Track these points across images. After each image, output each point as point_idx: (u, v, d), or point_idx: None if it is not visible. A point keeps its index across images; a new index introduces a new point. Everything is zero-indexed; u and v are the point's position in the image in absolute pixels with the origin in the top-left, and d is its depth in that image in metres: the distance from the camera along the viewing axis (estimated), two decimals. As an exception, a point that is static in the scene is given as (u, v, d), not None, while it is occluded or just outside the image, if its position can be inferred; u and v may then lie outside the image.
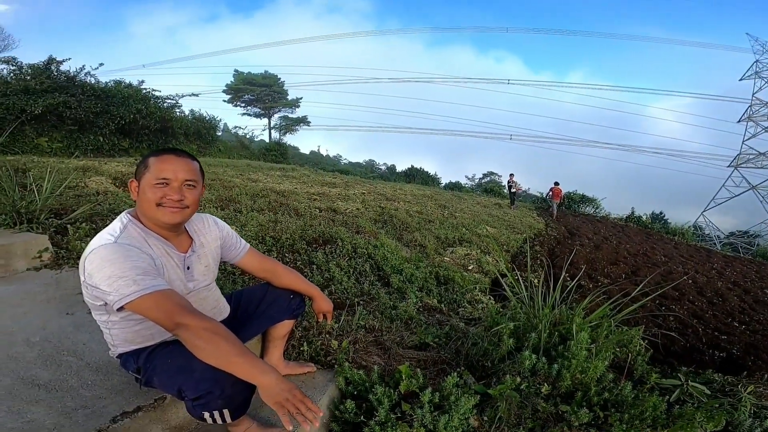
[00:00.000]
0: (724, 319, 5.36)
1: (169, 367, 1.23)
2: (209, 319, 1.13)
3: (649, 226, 18.65)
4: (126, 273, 1.10)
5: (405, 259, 4.27)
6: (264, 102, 36.65)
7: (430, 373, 2.19)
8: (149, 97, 14.03)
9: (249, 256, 1.62)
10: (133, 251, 1.17)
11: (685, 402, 2.05)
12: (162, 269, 1.27)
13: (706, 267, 10.18)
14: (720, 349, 3.96)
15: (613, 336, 2.27)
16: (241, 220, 4.24)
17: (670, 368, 2.88)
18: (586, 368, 1.96)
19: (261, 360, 1.12)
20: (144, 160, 1.29)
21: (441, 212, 8.72)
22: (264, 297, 1.67)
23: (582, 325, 2.19)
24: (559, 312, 2.31)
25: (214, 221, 1.55)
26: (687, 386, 2.11)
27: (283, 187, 7.88)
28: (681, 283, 6.94)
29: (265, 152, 23.24)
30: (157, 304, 1.10)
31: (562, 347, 2.07)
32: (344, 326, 2.44)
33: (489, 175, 45.77)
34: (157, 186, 1.24)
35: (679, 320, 4.87)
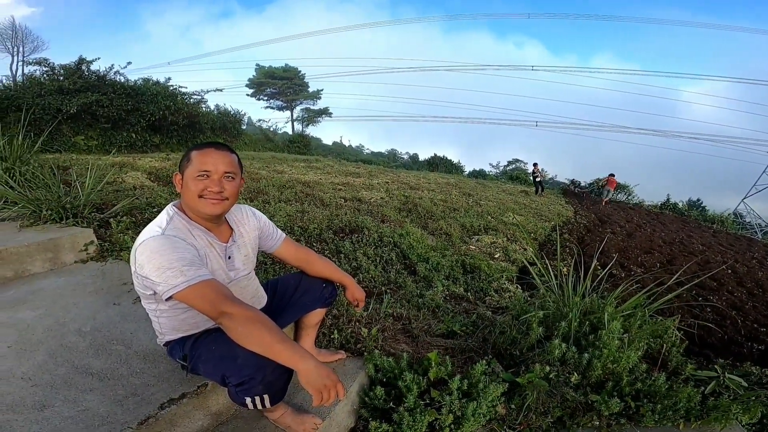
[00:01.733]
0: (765, 311, 5.10)
1: (213, 354, 1.27)
2: (251, 307, 1.17)
3: (685, 214, 17.88)
4: (173, 264, 1.16)
5: (431, 247, 4.27)
6: (286, 95, 37.00)
7: (458, 361, 2.20)
8: (176, 93, 14.33)
9: (285, 246, 1.65)
10: (180, 243, 1.22)
11: (721, 394, 1.99)
12: (205, 259, 1.32)
13: (747, 256, 9.68)
14: (759, 342, 3.78)
15: (647, 326, 2.22)
16: (269, 210, 4.33)
17: (706, 360, 2.79)
18: (618, 358, 1.93)
19: (301, 346, 1.16)
20: (187, 153, 1.34)
21: (466, 200, 8.63)
22: (298, 286, 1.70)
23: (614, 314, 2.15)
24: (590, 301, 2.27)
25: (252, 212, 1.59)
26: (723, 378, 2.05)
27: (308, 177, 7.97)
28: (719, 272, 6.63)
29: (289, 144, 23.51)
30: (202, 293, 1.14)
31: (593, 336, 2.05)
32: (373, 314, 2.46)
33: (514, 163, 44.78)
34: (198, 178, 1.29)
35: (717, 311, 4.68)
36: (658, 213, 16.48)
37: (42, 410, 1.32)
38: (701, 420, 1.76)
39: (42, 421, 1.27)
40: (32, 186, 3.38)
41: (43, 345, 1.70)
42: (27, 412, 1.31)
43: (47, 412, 1.31)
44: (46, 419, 1.28)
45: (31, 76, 12.39)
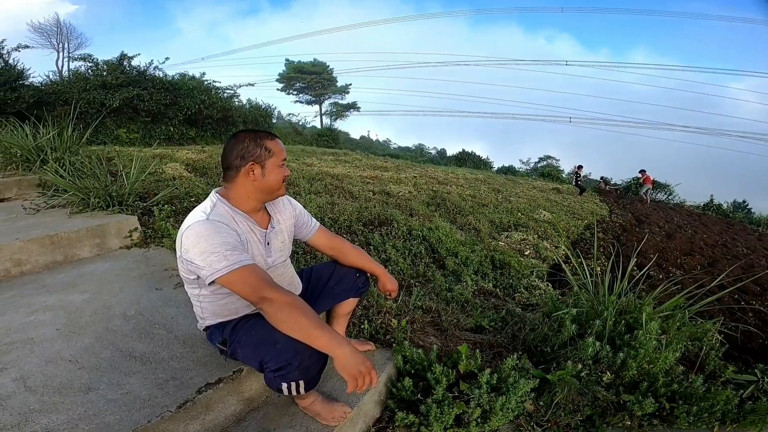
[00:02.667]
0: (812, 317, 4.80)
1: (252, 339, 1.31)
2: (290, 293, 1.20)
3: (729, 216, 16.89)
4: (217, 249, 1.19)
5: (459, 242, 4.24)
6: (315, 89, 37.41)
7: (486, 355, 2.19)
8: (211, 88, 14.67)
9: (319, 234, 1.69)
10: (223, 227, 1.26)
11: (759, 399, 1.91)
12: (246, 245, 1.36)
13: (796, 260, 9.09)
14: None
15: (686, 328, 2.14)
16: (300, 202, 4.40)
17: (745, 365, 2.67)
18: (654, 359, 1.88)
19: (338, 333, 1.19)
20: (258, 143, 1.37)
21: (495, 196, 8.49)
22: (332, 275, 1.73)
23: (652, 314, 2.08)
24: (626, 301, 2.21)
25: (288, 200, 1.64)
26: (763, 383, 1.96)
27: (337, 170, 8.05)
28: (764, 276, 6.26)
29: (318, 138, 23.75)
30: (243, 278, 1.18)
31: (629, 336, 2.00)
32: (402, 306, 2.47)
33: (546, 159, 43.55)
34: (281, 166, 1.40)
35: (760, 315, 4.45)
36: (701, 214, 15.68)
37: (87, 393, 1.37)
38: (737, 423, 1.69)
39: (87, 404, 1.31)
40: (81, 175, 3.56)
41: (91, 328, 1.76)
42: (73, 395, 1.35)
43: (92, 395, 1.36)
44: (90, 402, 1.33)
45: (76, 72, 13.01)
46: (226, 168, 1.40)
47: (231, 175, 1.39)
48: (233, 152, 1.37)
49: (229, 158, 1.38)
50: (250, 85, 17.44)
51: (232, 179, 1.39)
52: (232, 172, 1.38)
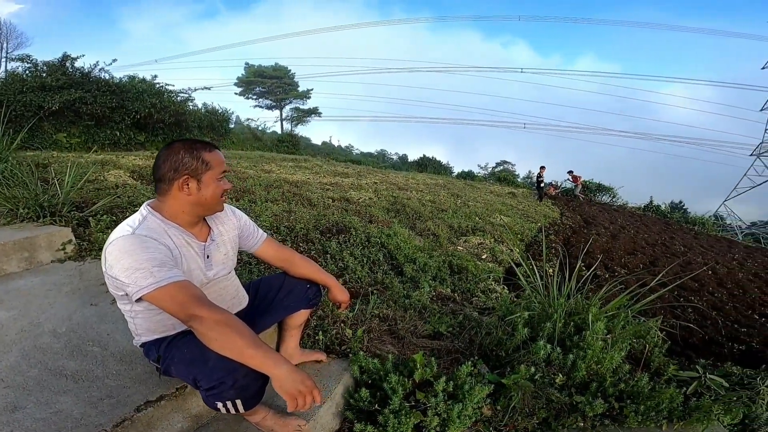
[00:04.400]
0: (745, 311, 5.22)
1: (184, 356, 1.26)
2: (223, 311, 1.15)
3: (668, 216, 18.22)
4: (143, 265, 1.14)
5: (418, 248, 4.26)
6: (275, 94, 36.83)
7: (444, 362, 2.20)
8: (163, 91, 14.10)
9: (266, 245, 1.64)
10: (151, 242, 1.20)
11: (703, 395, 2.02)
12: (181, 259, 1.30)
13: (727, 258, 9.92)
14: (739, 342, 3.85)
15: (630, 327, 2.25)
16: (255, 210, 4.28)
17: (688, 360, 2.84)
18: (601, 359, 1.94)
19: (274, 351, 1.15)
20: (194, 154, 1.29)
21: (454, 201, 8.66)
22: (281, 287, 1.69)
23: (598, 315, 2.16)
24: (574, 302, 2.29)
25: (231, 210, 1.57)
26: (705, 379, 2.08)
27: (296, 177, 7.91)
28: (700, 273, 6.77)
29: (278, 143, 23.31)
30: (171, 295, 1.13)
31: (578, 337, 2.06)
32: (358, 315, 2.44)
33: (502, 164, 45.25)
34: (219, 180, 1.34)
35: (698, 312, 4.76)
36: (642, 215, 16.78)
37: (13, 412, 1.30)
38: (684, 421, 1.78)
39: (13, 423, 1.25)
40: (9, 184, 3.28)
41: (17, 346, 1.66)
42: (-4, 414, 1.27)
43: (18, 414, 1.29)
44: (17, 421, 1.26)
45: (13, 73, 12.05)
46: (157, 180, 1.31)
47: (163, 188, 1.31)
48: (166, 164, 1.29)
49: (161, 170, 1.29)
50: (206, 89, 16.91)
51: (164, 192, 1.31)
52: (164, 184, 1.30)
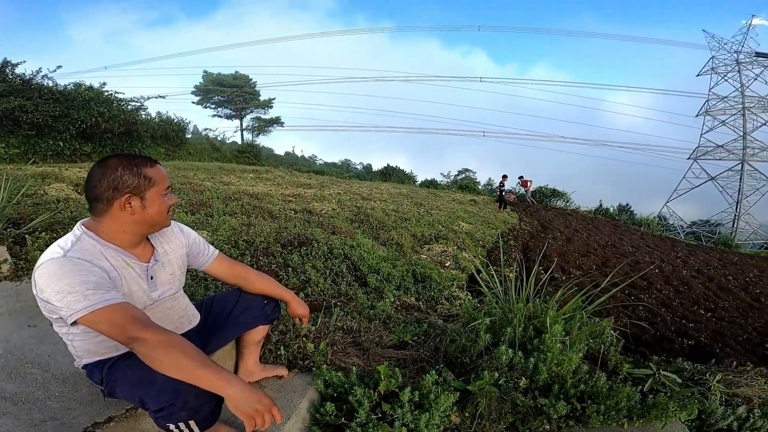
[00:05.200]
0: (691, 307, 5.54)
1: (129, 378, 1.21)
2: (167, 332, 1.11)
3: (616, 218, 19.30)
4: (75, 288, 1.09)
5: (382, 258, 4.26)
6: (235, 103, 35.96)
7: (410, 371, 2.19)
8: (112, 99, 13.48)
9: (218, 263, 1.60)
10: (84, 265, 1.14)
11: (658, 391, 2.11)
12: (120, 281, 1.24)
13: (671, 256, 10.61)
14: (688, 337, 4.06)
15: (586, 328, 2.33)
16: (212, 224, 4.14)
17: (642, 357, 2.98)
18: (561, 361, 1.99)
19: (226, 371, 1.11)
20: (134, 171, 1.24)
21: (417, 210, 8.76)
22: (236, 303, 1.65)
23: (556, 317, 2.23)
24: (533, 306, 2.35)
25: (179, 228, 1.52)
26: (659, 376, 2.18)
27: (257, 189, 7.74)
28: (648, 272, 7.18)
29: (238, 154, 22.73)
30: (108, 318, 1.08)
31: (538, 341, 2.11)
32: (321, 328, 2.41)
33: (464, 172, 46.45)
34: (165, 195, 1.31)
35: (649, 309, 5.01)
36: (593, 218, 17.68)
37: None
38: (643, 418, 1.85)
39: None
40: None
41: None
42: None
43: None
44: None
45: (-55, 81, 11.07)
46: (93, 200, 1.24)
47: (101, 208, 1.23)
48: (103, 182, 1.21)
49: (97, 189, 1.22)
50: (160, 97, 16.27)
51: (101, 213, 1.24)
52: (101, 204, 1.23)
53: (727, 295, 6.74)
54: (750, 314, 5.56)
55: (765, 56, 34.23)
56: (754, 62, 34.68)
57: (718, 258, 11.89)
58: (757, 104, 33.79)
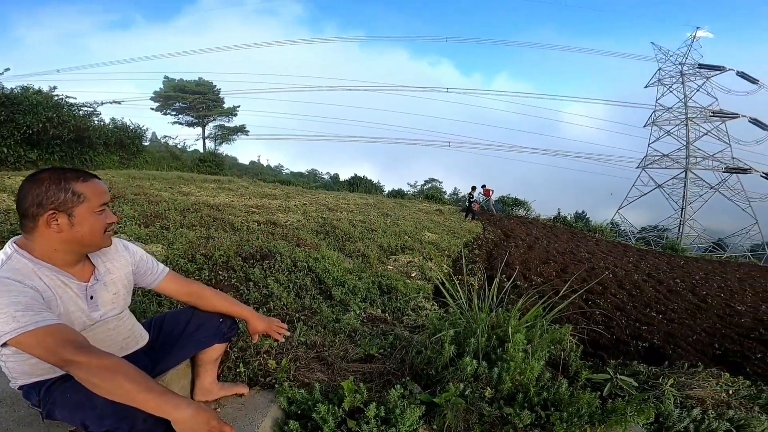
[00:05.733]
0: (643, 310, 5.83)
1: (68, 401, 1.15)
2: (106, 355, 1.06)
3: (573, 226, 20.21)
4: (3, 309, 1.03)
5: (347, 270, 4.22)
6: (197, 110, 34.94)
7: (376, 385, 2.17)
8: (62, 104, 12.74)
9: (169, 281, 1.53)
10: (14, 285, 1.08)
11: (617, 396, 2.19)
12: (55, 301, 1.17)
13: (624, 261, 11.21)
14: (642, 339, 4.24)
15: (547, 335, 2.39)
16: (168, 237, 3.95)
17: (601, 361, 3.09)
18: (524, 369, 2.02)
19: (172, 393, 1.06)
20: (62, 186, 1.16)
21: (384, 220, 8.77)
22: (189, 321, 1.59)
23: (517, 326, 2.27)
24: (496, 315, 2.39)
25: (123, 245, 1.45)
26: (616, 380, 2.26)
27: (218, 200, 7.49)
28: (604, 278, 7.52)
29: (199, 163, 22.00)
30: (39, 341, 1.03)
31: (501, 350, 2.14)
32: (284, 344, 2.35)
33: (430, 182, 47.24)
34: (99, 213, 1.22)
35: (605, 314, 5.23)
36: (552, 226, 18.45)
37: None
38: (604, 424, 1.90)
39: None
40: None
41: None
42: None
43: None
44: None
45: None
46: (22, 216, 1.17)
47: (29, 225, 1.16)
48: (28, 197, 1.14)
49: (23, 205, 1.15)
50: (115, 103, 15.55)
51: (30, 230, 1.17)
52: (28, 221, 1.16)
53: (676, 297, 7.16)
54: (698, 315, 5.93)
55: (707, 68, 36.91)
56: (697, 74, 37.36)
57: (667, 262, 12.70)
58: (699, 115, 36.43)
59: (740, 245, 35.37)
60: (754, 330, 5.18)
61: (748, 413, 2.11)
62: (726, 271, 12.35)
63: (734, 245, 35.49)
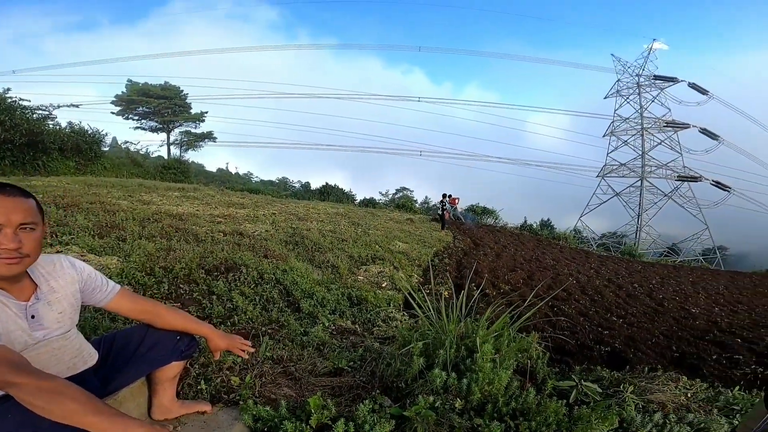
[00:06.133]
0: (605, 315, 6.02)
1: (10, 422, 1.09)
2: (48, 376, 1.03)
3: (538, 233, 20.85)
4: None
5: (316, 281, 4.15)
6: (162, 115, 33.72)
7: (346, 399, 2.14)
8: (15, 106, 12.07)
9: (120, 298, 1.46)
10: None
11: (583, 402, 2.23)
12: None
13: (586, 267, 11.63)
14: (605, 344, 4.36)
15: (514, 344, 2.42)
16: (124, 249, 3.75)
17: (567, 367, 3.15)
18: (492, 379, 2.04)
19: (122, 415, 1.02)
20: None
21: (354, 230, 8.72)
22: (143, 339, 1.54)
23: (485, 336, 2.29)
24: (464, 325, 2.40)
25: (70, 263, 1.38)
26: (582, 387, 2.31)
27: (182, 209, 7.22)
28: (568, 285, 7.76)
29: (163, 170, 21.20)
30: None
31: (470, 360, 2.14)
32: (249, 359, 2.28)
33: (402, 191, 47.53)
34: None
35: (570, 319, 5.37)
36: (519, 234, 18.97)
37: None
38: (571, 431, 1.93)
39: None
40: None
41: None
42: None
43: None
44: None
45: None
46: None
47: None
48: None
49: None
50: (73, 106, 14.83)
51: None
52: None
53: (635, 301, 7.47)
54: (656, 319, 6.19)
55: (662, 79, 39.06)
56: (653, 85, 39.47)
57: (625, 267, 13.28)
58: (653, 125, 38.53)
59: (692, 250, 37.62)
60: (708, 332, 5.46)
61: (708, 416, 2.20)
62: (680, 275, 13.07)
63: (687, 250, 37.70)
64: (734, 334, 5.36)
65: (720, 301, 8.89)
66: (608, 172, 40.52)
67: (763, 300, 10.07)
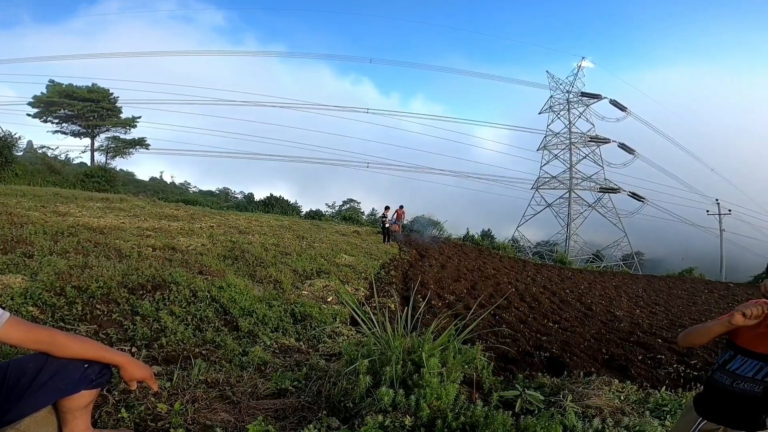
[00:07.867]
0: (542, 321, 6.33)
1: None
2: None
3: (480, 244, 21.66)
4: None
5: (257, 298, 3.92)
6: (87, 119, 30.79)
7: (291, 423, 2.02)
8: None
9: (8, 328, 1.28)
10: None
11: (528, 411, 2.26)
12: None
13: (524, 275, 12.24)
14: (543, 350, 4.54)
15: (460, 356, 2.42)
16: (31, 266, 3.29)
17: (511, 375, 3.22)
18: (441, 394, 2.01)
19: None
20: None
21: (299, 243, 8.46)
22: (43, 367, 1.37)
23: (432, 349, 2.26)
24: (411, 339, 2.36)
25: None
26: (526, 396, 2.35)
27: (105, 222, 6.58)
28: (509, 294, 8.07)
29: (85, 179, 19.30)
30: None
31: (417, 376, 2.10)
32: (178, 384, 2.12)
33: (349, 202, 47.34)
34: None
35: (511, 327, 5.55)
36: (462, 244, 19.56)
37: None
38: None
39: None
40: None
41: None
42: None
43: None
44: None
45: None
46: None
47: None
48: None
49: None
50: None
51: None
52: None
53: (567, 307, 7.95)
54: (586, 323, 6.61)
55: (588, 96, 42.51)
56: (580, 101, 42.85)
57: (558, 274, 14.17)
58: (579, 140, 41.81)
59: (614, 256, 41.13)
60: (633, 333, 5.93)
61: (641, 418, 2.33)
62: (605, 279, 14.19)
63: (609, 256, 41.16)
64: (655, 335, 5.87)
65: (640, 304, 9.75)
66: (541, 184, 43.28)
67: (678, 301, 11.24)
